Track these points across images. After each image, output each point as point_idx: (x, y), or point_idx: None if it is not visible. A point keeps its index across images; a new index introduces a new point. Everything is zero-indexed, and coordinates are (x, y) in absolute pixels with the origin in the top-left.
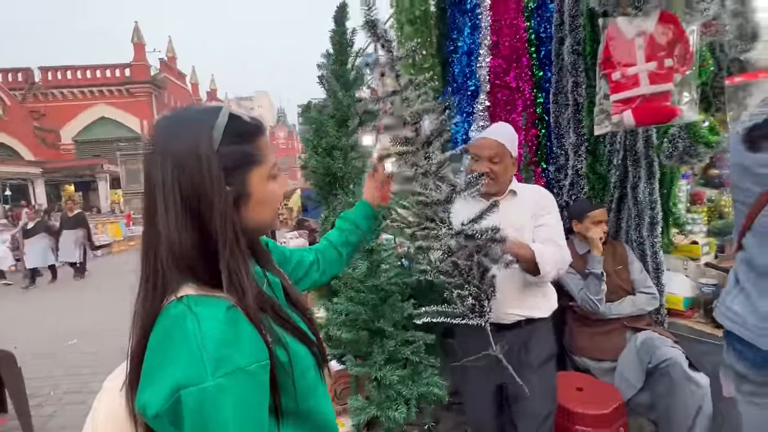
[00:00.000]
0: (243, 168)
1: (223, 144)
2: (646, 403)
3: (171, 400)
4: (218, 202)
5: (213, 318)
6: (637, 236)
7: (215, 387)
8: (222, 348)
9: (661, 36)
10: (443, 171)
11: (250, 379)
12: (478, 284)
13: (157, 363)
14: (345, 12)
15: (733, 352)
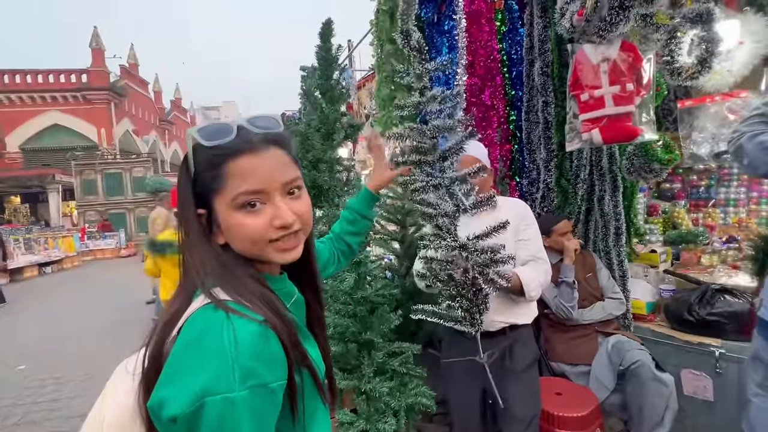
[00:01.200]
0: (207, 194)
1: (200, 170)
2: (618, 403)
3: (195, 405)
4: (191, 224)
5: (248, 331)
6: (603, 245)
7: (240, 398)
8: (252, 361)
9: (623, 62)
10: (454, 187)
11: (271, 396)
12: (472, 298)
13: (186, 365)
14: (330, 28)
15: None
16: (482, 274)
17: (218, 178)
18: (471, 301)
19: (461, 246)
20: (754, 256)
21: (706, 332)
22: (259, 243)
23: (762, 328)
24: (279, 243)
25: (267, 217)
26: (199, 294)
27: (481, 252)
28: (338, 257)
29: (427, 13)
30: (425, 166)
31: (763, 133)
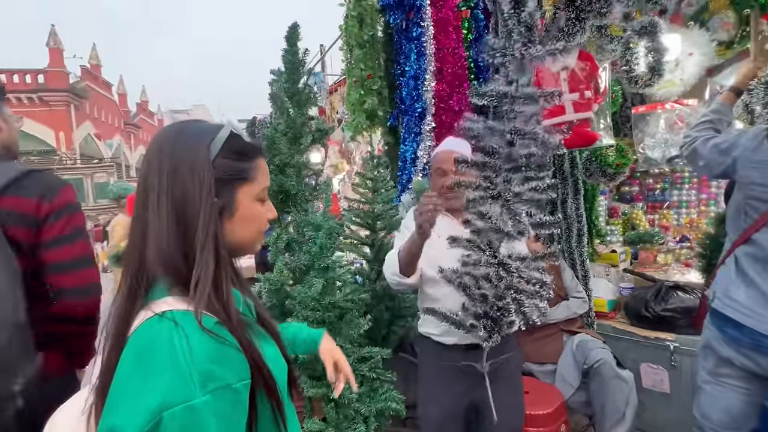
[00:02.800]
0: (233, 182)
1: (219, 157)
2: (583, 400)
3: (150, 423)
4: (204, 211)
5: (201, 333)
6: (567, 247)
7: (203, 404)
8: (210, 364)
9: (581, 71)
10: (517, 203)
11: (235, 396)
12: (497, 320)
13: (136, 381)
14: (296, 32)
15: (723, 337)
16: (517, 302)
17: (250, 169)
18: (495, 322)
19: (501, 264)
20: (702, 253)
21: (662, 327)
22: (261, 232)
23: (714, 319)
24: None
25: (265, 210)
26: (152, 299)
27: (527, 281)
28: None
29: (396, 20)
30: (489, 172)
31: (715, 137)
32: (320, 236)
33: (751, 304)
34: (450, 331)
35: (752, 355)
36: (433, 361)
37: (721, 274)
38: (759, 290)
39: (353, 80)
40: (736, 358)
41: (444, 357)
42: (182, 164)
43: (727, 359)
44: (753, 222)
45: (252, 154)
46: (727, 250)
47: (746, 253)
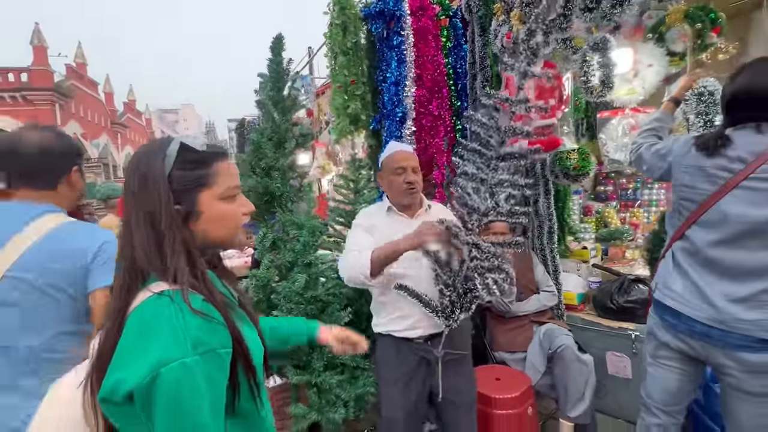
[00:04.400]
0: (193, 189)
1: (174, 169)
2: (549, 384)
3: (150, 375)
4: (165, 218)
5: (191, 307)
6: (539, 244)
7: (194, 362)
8: (199, 331)
9: (545, 80)
10: (498, 189)
11: (219, 361)
12: (461, 294)
13: (137, 344)
14: (281, 43)
15: (662, 324)
16: (481, 276)
17: (208, 175)
18: (459, 296)
19: (475, 244)
20: (648, 248)
21: (624, 318)
22: (237, 227)
23: (655, 308)
24: (243, 228)
25: (237, 206)
26: (146, 285)
27: (490, 255)
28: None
29: (377, 29)
30: (480, 159)
31: (657, 144)
32: (303, 234)
33: (685, 293)
34: (414, 325)
35: (686, 339)
36: (394, 358)
37: (661, 268)
38: (691, 281)
39: (337, 86)
40: (672, 341)
41: (404, 352)
42: (145, 180)
43: (665, 343)
44: (685, 220)
45: (208, 161)
46: (666, 246)
47: (681, 248)
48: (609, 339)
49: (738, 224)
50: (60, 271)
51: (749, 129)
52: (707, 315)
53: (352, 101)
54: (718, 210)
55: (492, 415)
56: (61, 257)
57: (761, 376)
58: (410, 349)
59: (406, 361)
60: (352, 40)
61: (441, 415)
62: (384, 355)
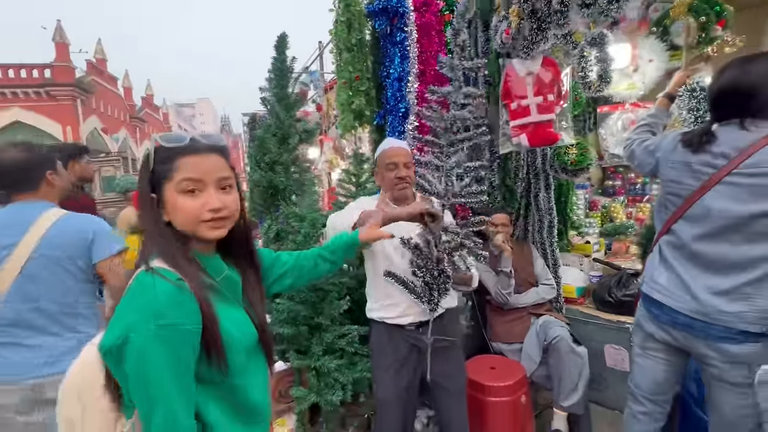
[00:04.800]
0: (161, 182)
1: (156, 164)
2: (545, 374)
3: (120, 340)
4: (144, 203)
5: (164, 284)
6: (539, 237)
7: (153, 333)
8: (166, 306)
9: (545, 76)
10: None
11: (182, 335)
12: (435, 276)
13: (120, 312)
14: (285, 42)
15: (648, 315)
16: (449, 256)
17: (170, 169)
18: (433, 278)
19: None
20: (640, 242)
21: (623, 311)
22: (194, 221)
23: (643, 300)
24: (210, 223)
25: (201, 202)
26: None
27: (454, 234)
28: (297, 272)
29: (381, 26)
30: (435, 148)
31: (647, 140)
32: (304, 226)
33: (670, 286)
34: (405, 312)
35: (669, 330)
36: (387, 344)
37: (649, 261)
38: (676, 274)
39: (342, 82)
40: (656, 332)
41: (396, 338)
42: (141, 170)
43: (650, 334)
44: (671, 214)
45: (172, 156)
46: (654, 240)
47: (667, 242)
48: (608, 332)
49: (720, 219)
50: (70, 250)
51: (733, 125)
52: (690, 307)
53: (357, 97)
54: (702, 205)
55: (485, 402)
56: (69, 239)
57: (742, 366)
58: (402, 336)
59: (398, 347)
60: (357, 37)
61: (433, 400)
62: (377, 341)
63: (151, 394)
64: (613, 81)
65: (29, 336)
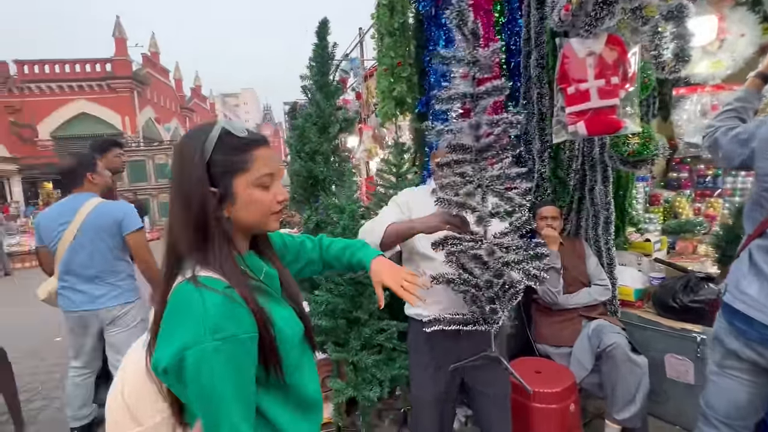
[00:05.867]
0: (230, 174)
1: (215, 153)
2: (596, 382)
3: (177, 358)
4: (198, 199)
5: (214, 296)
6: (593, 234)
7: (211, 348)
8: (219, 318)
9: (609, 56)
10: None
11: (241, 345)
12: (499, 293)
13: (169, 328)
14: (326, 28)
15: (731, 330)
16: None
17: (245, 161)
18: (498, 296)
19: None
20: (718, 244)
21: (689, 318)
22: (267, 213)
23: (724, 312)
24: (277, 215)
25: (273, 194)
26: (183, 268)
27: (514, 249)
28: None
29: (425, 7)
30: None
31: (736, 127)
32: (344, 218)
33: (762, 298)
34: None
35: (759, 349)
36: (424, 343)
37: (735, 268)
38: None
39: (383, 68)
40: (742, 351)
41: (434, 338)
42: (184, 165)
43: (733, 352)
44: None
45: (245, 147)
46: (743, 244)
47: (760, 247)
48: (669, 340)
49: None
50: (104, 227)
51: None
52: None
53: (398, 84)
54: None
55: (531, 408)
56: (103, 220)
57: None
58: (440, 337)
59: (435, 347)
60: (399, 20)
61: (472, 404)
62: (414, 339)
63: (214, 410)
64: (692, 59)
65: (78, 283)
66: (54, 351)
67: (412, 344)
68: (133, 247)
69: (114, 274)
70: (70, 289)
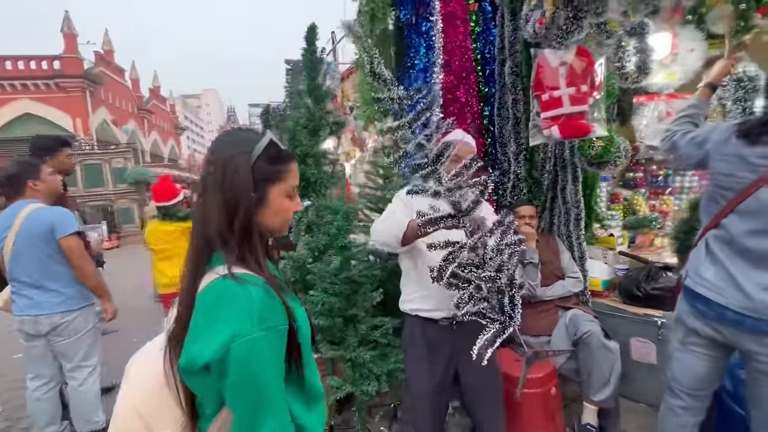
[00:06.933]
0: (268, 181)
1: (258, 160)
2: (573, 368)
3: (224, 349)
4: (243, 201)
5: (256, 289)
6: (566, 230)
7: (260, 337)
8: (264, 310)
9: (578, 66)
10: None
11: (279, 336)
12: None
13: (208, 322)
14: (315, 33)
15: (692, 311)
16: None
17: (282, 171)
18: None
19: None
20: (675, 236)
21: (651, 305)
22: (288, 221)
23: (686, 295)
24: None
25: (294, 204)
26: (214, 266)
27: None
28: None
29: (406, 15)
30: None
31: (692, 131)
32: (338, 219)
33: (718, 281)
34: (439, 307)
35: (716, 326)
36: (419, 337)
37: (693, 256)
38: (725, 269)
39: (365, 73)
40: (701, 329)
41: (429, 333)
42: (231, 164)
43: (694, 330)
44: (721, 208)
45: (284, 159)
46: (699, 234)
47: (715, 237)
48: (634, 325)
49: None
50: (38, 233)
51: None
52: (739, 303)
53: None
54: (757, 199)
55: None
56: (37, 225)
57: None
58: (435, 331)
59: (430, 341)
60: (380, 27)
61: (465, 396)
62: (410, 333)
63: (258, 398)
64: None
65: (23, 288)
66: (15, 367)
67: (408, 339)
68: (66, 252)
69: (56, 281)
70: (16, 294)
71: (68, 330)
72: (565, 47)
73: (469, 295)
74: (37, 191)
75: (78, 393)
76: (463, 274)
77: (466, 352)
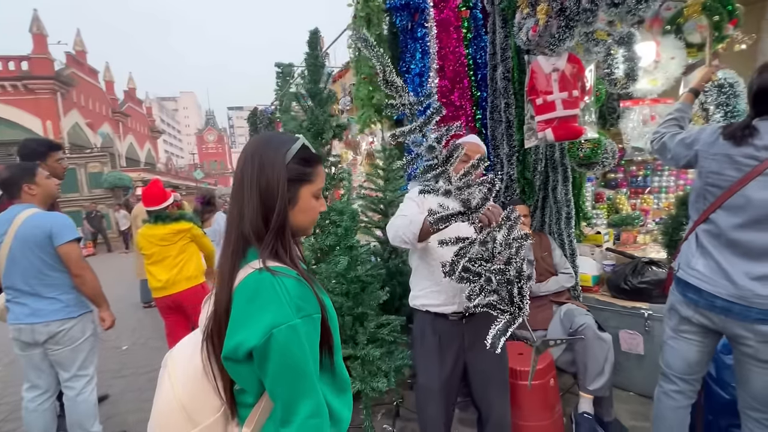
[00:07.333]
0: (299, 182)
1: (291, 162)
2: (569, 360)
3: (266, 336)
4: (279, 200)
5: (291, 281)
6: (557, 228)
7: (298, 324)
8: (299, 300)
9: (569, 72)
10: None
11: (314, 323)
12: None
13: (251, 311)
14: (317, 37)
15: (684, 300)
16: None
17: (312, 173)
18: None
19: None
20: (665, 231)
21: (638, 298)
22: (314, 220)
23: (678, 286)
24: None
25: (320, 205)
26: (248, 261)
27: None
28: None
29: (402, 21)
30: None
31: (681, 133)
32: (345, 220)
33: (708, 272)
34: (449, 302)
35: (707, 314)
36: (430, 333)
37: (684, 249)
38: (714, 260)
39: (362, 77)
40: (693, 317)
41: (439, 327)
42: (267, 164)
43: (686, 318)
44: (710, 204)
45: (315, 162)
46: (689, 229)
47: (705, 231)
48: (622, 318)
49: (761, 208)
50: (35, 239)
51: None
52: (728, 292)
53: (377, 92)
54: (743, 195)
55: (517, 386)
56: (34, 231)
57: None
58: (445, 325)
59: (441, 336)
60: (376, 32)
61: (471, 388)
62: (421, 329)
63: (298, 383)
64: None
65: (19, 296)
66: (4, 377)
67: (418, 334)
68: (64, 259)
69: (52, 288)
70: (12, 302)
71: (66, 338)
72: (557, 54)
73: (480, 288)
74: (33, 195)
75: (75, 403)
76: (474, 268)
77: (475, 344)
